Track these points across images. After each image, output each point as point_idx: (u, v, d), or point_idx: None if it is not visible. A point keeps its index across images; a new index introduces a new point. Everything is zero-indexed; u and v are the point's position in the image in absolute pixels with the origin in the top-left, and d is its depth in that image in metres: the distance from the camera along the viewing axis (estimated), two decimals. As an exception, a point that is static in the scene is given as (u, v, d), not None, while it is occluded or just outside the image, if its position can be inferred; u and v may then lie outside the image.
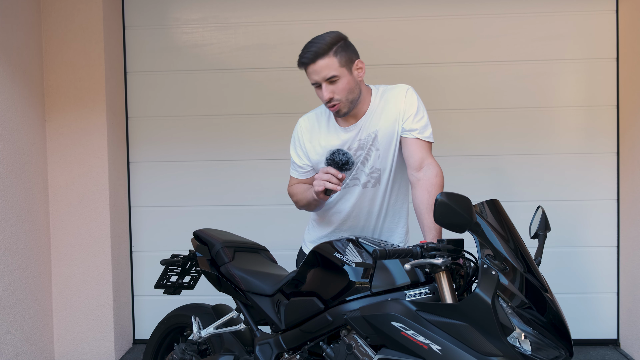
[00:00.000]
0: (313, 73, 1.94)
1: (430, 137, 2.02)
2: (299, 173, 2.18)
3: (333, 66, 1.92)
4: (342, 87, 1.95)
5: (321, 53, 1.91)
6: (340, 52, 1.93)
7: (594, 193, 3.55)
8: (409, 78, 3.54)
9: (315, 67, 1.92)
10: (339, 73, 1.93)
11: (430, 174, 1.93)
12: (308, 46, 1.94)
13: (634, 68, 3.35)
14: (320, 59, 1.91)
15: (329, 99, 1.95)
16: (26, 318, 3.07)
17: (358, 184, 2.09)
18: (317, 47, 1.91)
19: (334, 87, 1.94)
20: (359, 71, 2.00)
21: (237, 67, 3.58)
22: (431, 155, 2.01)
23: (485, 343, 1.47)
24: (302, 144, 2.15)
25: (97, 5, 3.28)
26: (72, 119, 3.31)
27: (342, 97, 1.96)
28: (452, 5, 3.52)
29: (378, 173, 2.07)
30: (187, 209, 3.65)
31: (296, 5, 3.56)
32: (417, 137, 1.99)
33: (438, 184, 1.92)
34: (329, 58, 1.91)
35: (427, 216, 1.87)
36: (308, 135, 2.13)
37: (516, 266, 1.53)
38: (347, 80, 1.95)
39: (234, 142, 3.62)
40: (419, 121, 2.00)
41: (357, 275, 1.77)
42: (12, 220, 2.95)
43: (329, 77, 1.93)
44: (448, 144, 3.56)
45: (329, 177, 1.87)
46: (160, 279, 2.59)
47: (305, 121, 2.17)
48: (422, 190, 1.92)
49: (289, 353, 2.00)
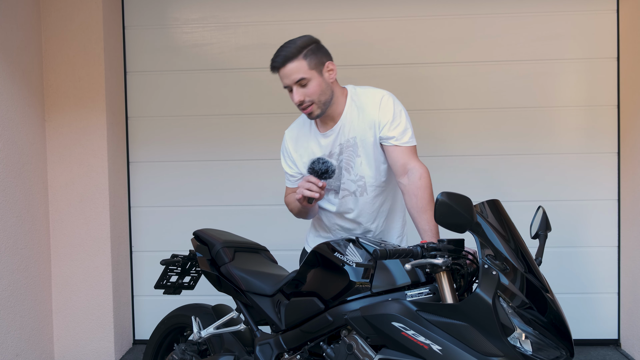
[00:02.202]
0: (284, 77, 1.97)
1: (410, 141, 2.02)
2: (292, 182, 2.23)
3: (302, 69, 1.94)
4: (313, 89, 1.97)
5: (290, 57, 1.94)
6: (309, 55, 1.96)
7: (594, 193, 3.55)
8: (408, 78, 3.54)
9: (285, 71, 1.95)
10: (309, 75, 1.95)
11: (414, 178, 1.94)
12: (279, 51, 1.97)
13: (634, 68, 3.34)
14: (290, 62, 1.94)
15: (299, 101, 1.98)
16: (26, 318, 3.06)
17: (349, 194, 2.12)
18: (286, 52, 1.94)
19: (305, 90, 1.97)
20: (330, 73, 2.01)
21: (237, 67, 3.58)
22: (414, 157, 2.00)
23: (486, 343, 1.47)
24: (289, 154, 2.20)
25: (96, 5, 3.28)
26: (71, 118, 3.31)
27: (313, 99, 1.98)
28: (452, 5, 3.52)
29: (363, 180, 2.09)
30: (187, 209, 3.65)
31: (296, 5, 3.56)
32: (395, 145, 2.00)
33: (423, 185, 1.93)
34: (298, 61, 1.94)
35: (420, 220, 1.89)
36: (293, 145, 2.18)
37: (517, 266, 1.52)
38: (318, 82, 1.97)
39: (234, 142, 3.62)
40: (395, 128, 2.00)
41: (358, 275, 1.76)
42: (12, 220, 2.95)
43: (299, 80, 1.95)
44: (448, 144, 3.56)
45: (309, 185, 1.92)
46: (160, 279, 2.59)
47: (289, 132, 2.22)
48: (410, 196, 1.94)
49: (289, 353, 1.99)
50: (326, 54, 2.02)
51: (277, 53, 1.96)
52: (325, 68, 2.00)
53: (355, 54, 3.54)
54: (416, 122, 3.50)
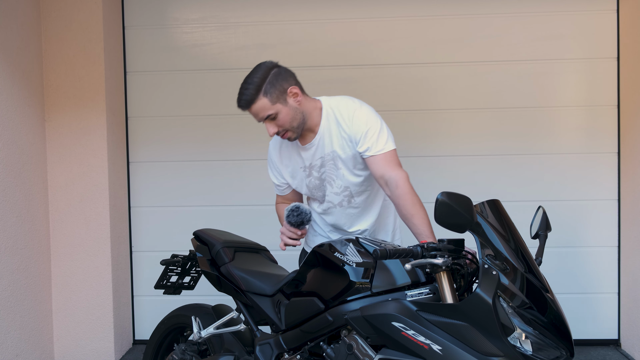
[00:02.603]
0: (253, 115, 2.01)
1: (386, 146, 2.00)
2: (279, 190, 2.31)
3: (266, 106, 1.97)
4: (283, 119, 1.99)
5: (251, 100, 1.96)
6: (269, 90, 1.95)
7: (594, 193, 3.54)
8: (408, 78, 3.54)
9: (252, 112, 2.00)
10: (275, 110, 1.97)
11: (393, 188, 1.94)
12: (240, 92, 1.98)
13: (634, 68, 3.34)
14: (253, 104, 1.97)
15: (274, 133, 2.02)
16: (26, 318, 3.06)
17: (334, 206, 2.16)
18: (246, 95, 1.96)
19: (276, 122, 2.00)
20: (295, 97, 2.01)
21: (237, 67, 3.58)
22: (391, 165, 1.98)
23: (486, 343, 1.47)
24: (275, 166, 2.25)
25: (96, 5, 3.28)
26: (71, 118, 3.30)
27: (286, 127, 2.01)
28: (451, 4, 3.52)
29: (349, 190, 2.12)
30: (187, 209, 3.65)
31: (296, 5, 3.56)
32: (371, 155, 2.00)
33: (402, 193, 1.90)
34: (260, 100, 1.96)
35: (411, 224, 1.89)
36: (278, 156, 2.23)
37: (517, 266, 1.52)
38: (285, 112, 1.99)
39: (234, 142, 3.62)
40: (369, 139, 2.00)
41: (358, 275, 1.76)
42: (12, 220, 2.95)
43: (267, 117, 1.98)
44: (448, 144, 3.56)
45: (289, 234, 2.05)
46: (160, 279, 2.59)
47: (273, 143, 2.26)
48: (396, 205, 1.95)
49: (289, 353, 1.99)
50: (286, 79, 1.99)
51: (240, 95, 1.98)
52: (288, 95, 1.99)
53: (355, 54, 3.54)
54: (416, 123, 3.55)
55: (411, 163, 3.53)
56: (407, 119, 3.56)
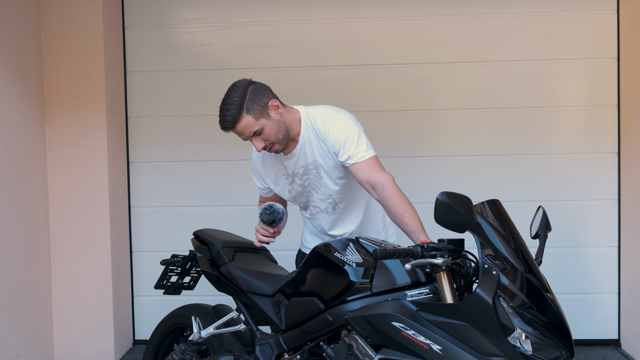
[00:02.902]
0: (238, 135, 2.01)
1: (366, 153, 1.99)
2: (263, 193, 2.38)
3: (251, 123, 1.97)
4: (269, 133, 1.99)
5: (235, 119, 1.95)
6: (251, 107, 1.95)
7: (594, 193, 3.54)
8: (408, 78, 3.54)
9: (237, 131, 1.99)
10: (260, 125, 1.97)
11: (379, 191, 1.93)
12: (222, 114, 1.97)
13: (634, 68, 3.34)
14: (237, 123, 1.96)
15: (262, 148, 2.02)
16: (26, 318, 3.06)
17: (320, 211, 2.18)
18: (229, 116, 1.95)
19: (262, 137, 2.00)
20: (276, 109, 2.01)
21: (237, 66, 3.58)
22: (375, 170, 1.98)
23: (486, 343, 1.47)
24: (258, 171, 2.29)
25: (96, 5, 3.28)
26: (71, 118, 3.30)
27: (272, 141, 2.02)
28: (451, 4, 3.52)
29: (332, 197, 2.14)
30: (187, 209, 3.65)
31: (296, 5, 3.56)
32: (354, 163, 2.00)
33: (389, 195, 1.90)
34: (244, 118, 1.95)
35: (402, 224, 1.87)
36: (260, 163, 2.26)
37: (517, 266, 1.52)
38: (270, 125, 1.99)
39: (234, 142, 3.58)
40: (348, 148, 1.99)
41: (358, 275, 1.76)
42: (12, 220, 2.95)
43: (253, 133, 1.98)
44: (448, 144, 3.56)
45: (262, 231, 2.06)
46: (160, 279, 2.59)
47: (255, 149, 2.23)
48: (385, 208, 1.94)
49: (289, 353, 1.99)
50: (264, 93, 1.99)
51: (222, 117, 1.97)
52: (270, 109, 1.99)
53: (355, 54, 3.54)
54: (415, 122, 3.54)
55: (411, 163, 3.53)
56: (407, 118, 3.55)
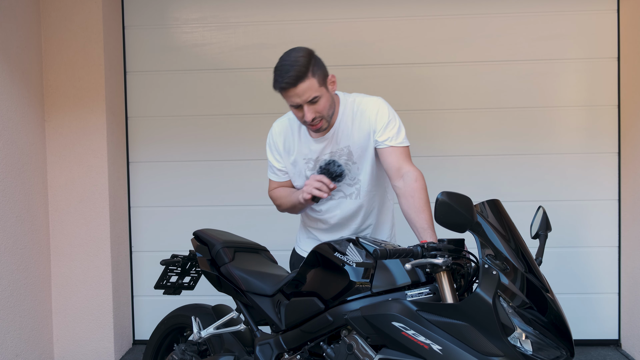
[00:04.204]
0: (294, 96, 1.92)
1: (404, 141, 2.04)
2: (279, 176, 2.21)
3: (314, 87, 1.91)
4: (323, 105, 1.95)
5: (301, 76, 1.88)
6: (316, 72, 1.92)
7: (595, 193, 3.54)
8: (408, 78, 3.54)
9: (297, 91, 1.90)
10: (320, 93, 1.93)
11: (409, 181, 1.94)
12: (285, 69, 1.90)
13: (635, 68, 3.34)
14: (301, 82, 1.89)
15: (312, 119, 1.95)
16: (25, 318, 3.06)
17: (344, 196, 2.13)
18: (296, 71, 1.88)
19: (316, 107, 1.94)
20: (333, 85, 2.01)
21: (237, 66, 3.58)
22: (408, 161, 2.01)
23: (486, 343, 1.46)
24: (277, 148, 2.17)
25: (96, 5, 3.28)
26: (71, 118, 3.30)
27: (323, 115, 1.97)
28: (452, 4, 3.52)
29: (359, 184, 2.11)
30: (187, 209, 3.65)
31: (296, 5, 3.56)
32: (391, 145, 2.01)
33: (419, 187, 1.92)
34: (309, 80, 1.90)
35: (418, 219, 1.88)
36: (282, 140, 2.16)
37: (517, 266, 1.52)
38: (327, 98, 1.97)
39: (234, 142, 3.62)
40: (390, 130, 2.02)
41: (358, 275, 1.76)
42: (12, 220, 2.95)
43: (312, 99, 1.92)
44: (448, 144, 3.56)
45: (320, 185, 1.93)
46: (160, 279, 2.58)
47: (279, 125, 2.18)
48: (406, 198, 1.93)
49: (289, 353, 1.99)
50: (324, 66, 1.99)
51: (284, 72, 1.89)
52: (329, 81, 1.99)
53: (355, 54, 3.54)
54: (416, 122, 3.54)
55: (411, 163, 3.53)
56: (407, 118, 3.48)
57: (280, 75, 1.91)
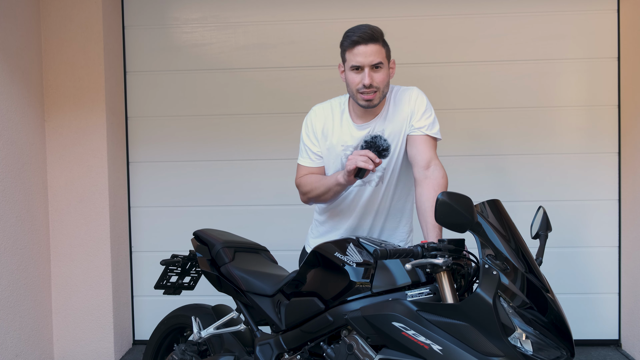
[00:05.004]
0: (361, 54, 1.92)
1: (438, 133, 2.07)
2: (312, 161, 2.13)
3: (382, 54, 1.95)
4: (382, 78, 1.96)
5: (376, 38, 1.92)
6: (385, 45, 1.99)
7: (595, 193, 3.54)
8: (409, 78, 3.52)
9: (367, 50, 1.91)
10: (384, 63, 1.96)
11: (437, 174, 1.95)
12: (361, 27, 1.93)
13: (635, 68, 3.34)
14: (374, 43, 1.92)
15: (369, 84, 1.93)
16: (25, 318, 3.06)
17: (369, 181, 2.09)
18: (372, 30, 1.92)
19: (375, 75, 1.94)
20: (392, 70, 2.04)
21: (237, 66, 3.58)
22: (437, 156, 2.03)
23: (487, 343, 1.46)
24: (314, 131, 2.11)
25: (96, 4, 3.28)
26: (71, 118, 3.30)
27: (379, 87, 1.96)
28: (453, 4, 3.51)
29: (383, 172, 2.08)
30: (187, 209, 3.64)
31: (296, 5, 3.55)
32: (425, 134, 2.02)
33: (444, 184, 1.94)
34: (380, 45, 1.95)
35: (432, 214, 1.84)
36: (321, 124, 2.11)
37: (517, 266, 1.52)
38: (387, 73, 1.99)
39: (234, 142, 3.61)
40: (427, 118, 2.04)
41: (358, 275, 1.76)
42: (12, 220, 2.94)
43: (376, 63, 1.93)
44: (449, 144, 3.54)
45: (365, 158, 1.82)
46: (160, 280, 2.58)
47: (320, 109, 2.14)
48: (428, 188, 1.92)
49: (289, 353, 1.99)
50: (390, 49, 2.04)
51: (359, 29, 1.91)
52: (391, 63, 2.03)
53: (356, 53, 3.53)
54: (416, 122, 3.53)
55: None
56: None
57: (354, 31, 1.93)
